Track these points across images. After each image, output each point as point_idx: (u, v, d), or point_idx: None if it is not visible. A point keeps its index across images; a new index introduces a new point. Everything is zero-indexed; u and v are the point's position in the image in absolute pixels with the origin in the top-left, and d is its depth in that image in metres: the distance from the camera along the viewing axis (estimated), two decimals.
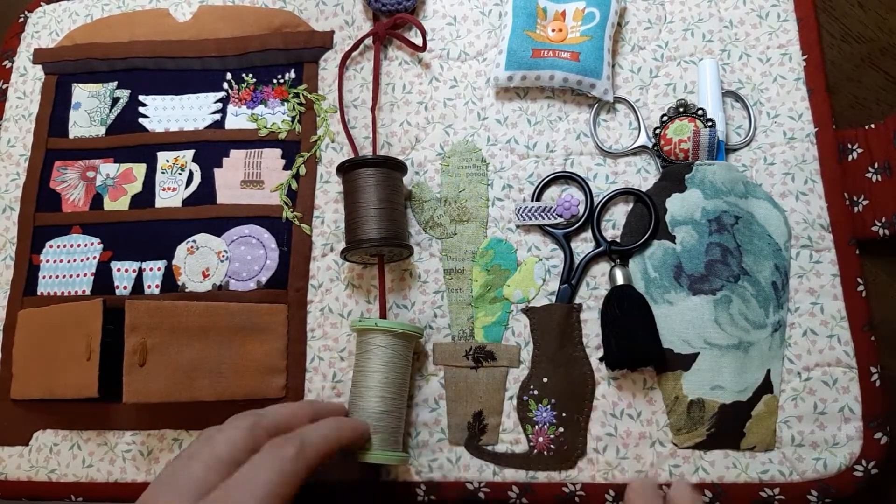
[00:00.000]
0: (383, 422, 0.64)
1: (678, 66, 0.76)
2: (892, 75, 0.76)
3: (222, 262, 0.73)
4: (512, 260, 0.72)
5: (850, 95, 0.76)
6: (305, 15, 0.82)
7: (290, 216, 0.75)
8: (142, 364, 0.66)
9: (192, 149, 0.78)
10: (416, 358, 0.70)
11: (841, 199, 0.69)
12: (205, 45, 0.81)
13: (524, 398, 0.68)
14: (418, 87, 0.78)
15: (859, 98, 0.75)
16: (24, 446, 0.72)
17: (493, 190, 0.74)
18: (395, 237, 0.69)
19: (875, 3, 0.78)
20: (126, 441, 0.71)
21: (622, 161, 0.73)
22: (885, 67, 0.76)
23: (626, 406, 0.67)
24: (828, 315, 0.67)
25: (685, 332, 0.67)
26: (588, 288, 0.70)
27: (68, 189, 0.78)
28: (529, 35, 0.75)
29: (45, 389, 0.71)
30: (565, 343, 0.69)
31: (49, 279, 0.75)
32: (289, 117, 0.78)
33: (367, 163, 0.70)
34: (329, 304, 0.73)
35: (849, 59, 0.77)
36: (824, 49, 0.75)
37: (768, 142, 0.72)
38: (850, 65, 0.76)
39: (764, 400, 0.65)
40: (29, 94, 0.83)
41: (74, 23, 0.85)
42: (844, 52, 0.77)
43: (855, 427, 0.64)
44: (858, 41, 0.77)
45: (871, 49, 0.77)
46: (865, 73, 0.76)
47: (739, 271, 0.67)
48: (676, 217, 0.69)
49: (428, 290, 0.72)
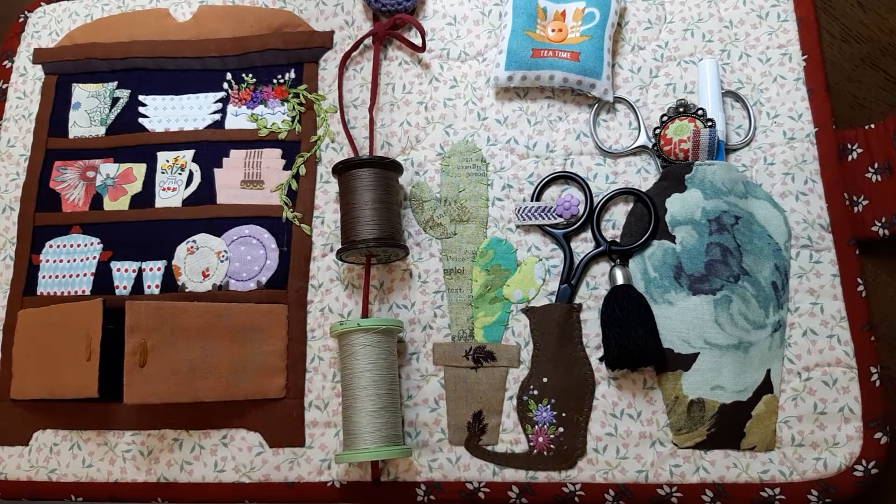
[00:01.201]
0: (382, 418, 0.64)
1: (678, 66, 0.76)
2: (892, 75, 0.76)
3: (222, 262, 0.73)
4: (512, 260, 0.72)
5: (849, 95, 0.76)
6: (305, 15, 0.82)
7: (290, 216, 0.75)
8: (142, 365, 0.66)
9: (192, 149, 0.78)
10: (416, 358, 0.70)
11: (841, 199, 0.69)
12: (205, 45, 0.81)
13: (524, 398, 0.68)
14: (418, 87, 0.78)
15: (859, 98, 0.75)
16: (24, 446, 0.72)
17: (493, 190, 0.74)
18: (389, 237, 0.69)
19: (875, 3, 0.78)
20: (126, 441, 0.71)
21: (622, 161, 0.73)
22: (884, 67, 0.76)
23: (626, 406, 0.67)
24: (828, 315, 0.67)
25: (685, 332, 0.66)
26: (588, 288, 0.70)
27: (68, 189, 0.78)
28: (529, 35, 0.75)
29: (45, 389, 0.71)
30: (565, 343, 0.69)
31: (49, 279, 0.75)
32: (289, 117, 0.78)
33: (360, 163, 0.70)
34: (329, 304, 0.73)
35: (849, 59, 0.77)
36: (824, 49, 0.75)
37: (768, 142, 0.72)
38: (850, 65, 0.76)
39: (764, 400, 0.65)
40: (29, 93, 0.83)
41: (74, 23, 0.85)
42: (844, 52, 0.77)
43: (855, 427, 0.64)
44: (858, 41, 0.77)
45: (871, 49, 0.77)
46: (865, 73, 0.76)
47: (739, 271, 0.67)
48: (676, 217, 0.69)
49: (428, 290, 0.72)
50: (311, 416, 0.70)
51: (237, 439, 0.70)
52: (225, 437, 0.70)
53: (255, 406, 0.70)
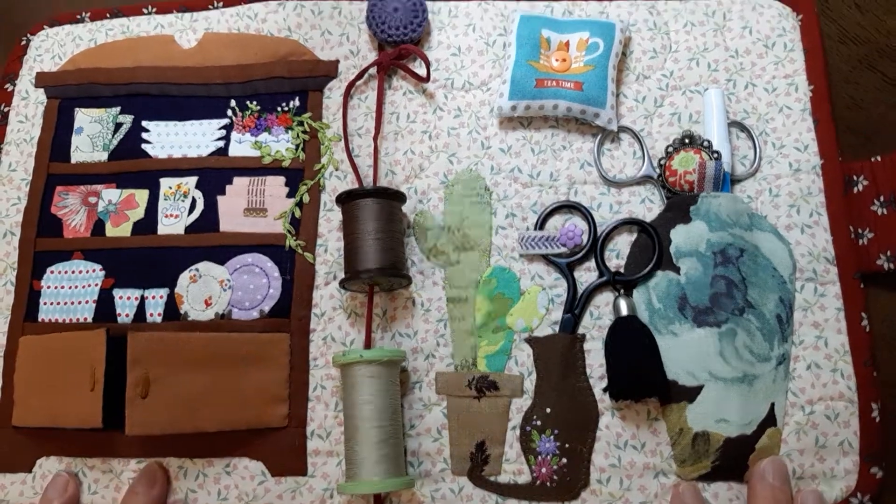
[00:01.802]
0: (385, 450, 0.64)
1: (683, 96, 0.75)
2: (890, 77, 0.76)
3: (225, 290, 0.73)
4: (515, 289, 0.72)
5: (847, 97, 0.76)
6: (311, 44, 0.82)
7: (294, 244, 0.75)
8: (144, 396, 0.66)
9: (195, 175, 0.77)
10: (419, 387, 0.70)
11: (846, 232, 0.69)
12: (209, 72, 0.81)
13: (527, 428, 0.68)
14: (422, 116, 0.78)
15: (857, 99, 0.75)
16: (27, 473, 0.72)
17: (497, 218, 0.74)
18: (392, 267, 0.69)
19: (872, 4, 0.78)
20: (131, 468, 0.71)
21: (626, 191, 0.73)
22: (882, 69, 0.76)
23: (630, 437, 0.67)
24: (831, 349, 0.67)
25: (690, 364, 0.66)
26: (591, 318, 0.70)
27: (70, 214, 0.78)
28: (533, 65, 0.75)
29: (48, 418, 0.70)
30: (568, 373, 0.68)
31: (50, 305, 0.75)
32: (293, 145, 0.78)
33: (364, 193, 0.70)
34: (332, 333, 0.72)
35: (846, 61, 0.77)
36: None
37: (774, 173, 0.72)
38: (848, 66, 0.76)
39: (768, 433, 0.65)
40: (31, 117, 0.83)
41: (78, 47, 0.85)
42: (842, 54, 0.77)
43: (852, 461, 0.64)
44: (856, 43, 0.77)
45: (868, 51, 0.77)
46: (863, 75, 0.76)
47: (744, 304, 0.67)
48: (681, 249, 0.69)
49: (431, 318, 0.72)
50: (313, 445, 0.70)
51: (240, 468, 0.69)
52: (228, 466, 0.70)
53: (258, 435, 0.70)
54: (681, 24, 0.78)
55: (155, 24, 0.85)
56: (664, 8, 0.79)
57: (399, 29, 0.79)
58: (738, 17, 0.78)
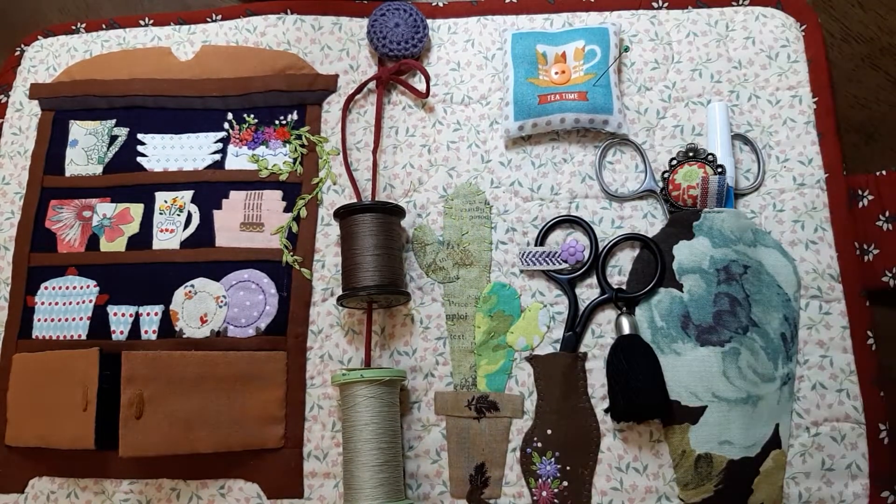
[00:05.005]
0: (384, 473, 0.63)
1: (686, 108, 0.74)
2: (892, 75, 0.75)
3: (221, 307, 0.72)
4: (515, 306, 0.71)
5: (850, 95, 0.75)
6: (310, 58, 0.81)
7: (291, 260, 0.73)
8: (138, 417, 0.65)
9: (190, 189, 0.76)
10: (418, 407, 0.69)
11: (851, 248, 0.68)
12: (206, 84, 0.80)
13: (527, 450, 0.67)
14: (422, 130, 0.77)
15: (860, 98, 0.75)
16: (19, 493, 0.71)
17: (497, 233, 0.73)
18: (390, 284, 0.68)
19: (875, 2, 0.77)
20: (124, 490, 0.70)
21: (628, 205, 0.72)
22: (884, 67, 0.75)
23: (633, 459, 0.66)
24: (837, 368, 0.66)
25: (692, 384, 0.65)
26: (593, 336, 0.69)
27: (64, 229, 0.77)
28: (533, 82, 0.74)
29: (40, 438, 0.69)
30: (570, 393, 0.67)
31: (44, 322, 0.74)
32: (290, 159, 0.77)
33: (363, 208, 0.69)
34: (329, 351, 0.71)
35: (849, 59, 0.76)
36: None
37: (777, 187, 0.71)
38: (851, 65, 0.76)
39: (772, 455, 0.64)
40: (25, 129, 0.82)
41: (73, 58, 0.84)
42: (844, 52, 0.76)
43: (862, 485, 0.63)
44: (858, 41, 0.76)
45: (871, 49, 0.76)
46: (865, 73, 0.75)
47: (748, 322, 0.66)
48: (684, 265, 0.68)
49: (430, 336, 0.71)
50: (309, 466, 0.69)
51: (235, 490, 0.68)
52: (223, 488, 0.69)
53: (253, 456, 0.69)
54: (683, 35, 0.77)
55: (152, 37, 0.84)
56: (666, 18, 0.78)
57: (400, 44, 0.78)
58: (740, 28, 0.76)
